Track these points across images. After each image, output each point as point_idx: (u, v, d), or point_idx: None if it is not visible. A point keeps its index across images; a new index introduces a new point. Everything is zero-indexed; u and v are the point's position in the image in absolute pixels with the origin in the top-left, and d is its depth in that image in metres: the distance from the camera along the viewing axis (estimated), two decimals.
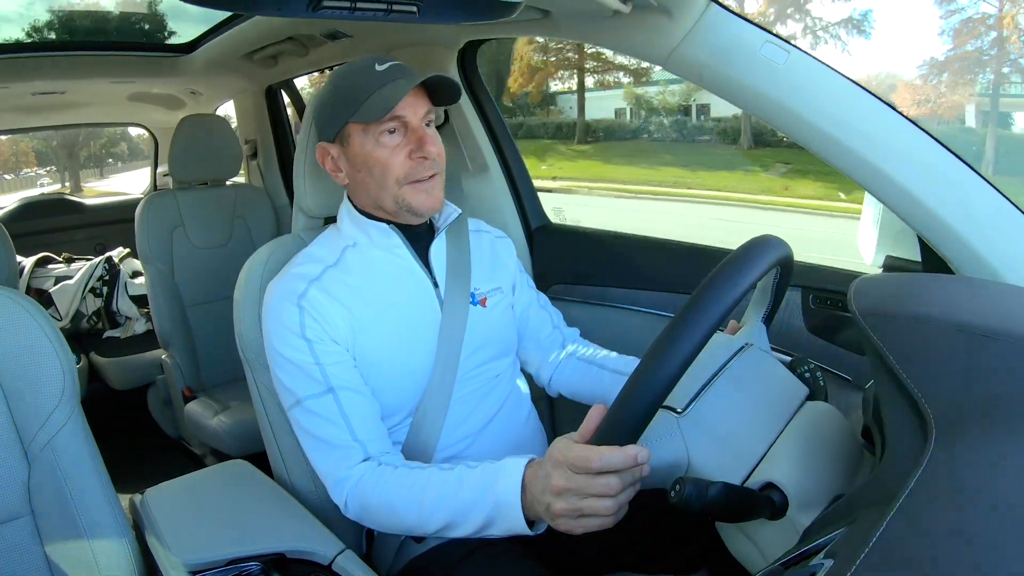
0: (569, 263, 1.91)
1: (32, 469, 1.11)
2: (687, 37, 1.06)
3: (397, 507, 1.09)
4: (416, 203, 1.22)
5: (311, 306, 1.18)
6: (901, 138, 0.99)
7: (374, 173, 1.20)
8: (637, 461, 0.85)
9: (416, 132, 1.20)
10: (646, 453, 0.85)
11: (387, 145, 1.19)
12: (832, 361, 1.38)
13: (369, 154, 1.20)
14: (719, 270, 0.84)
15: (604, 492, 0.87)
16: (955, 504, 0.60)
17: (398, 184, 1.20)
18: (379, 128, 1.18)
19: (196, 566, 1.09)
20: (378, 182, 1.21)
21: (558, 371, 1.50)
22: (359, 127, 1.19)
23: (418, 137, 1.19)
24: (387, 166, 1.19)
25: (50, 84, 2.84)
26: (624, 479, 0.87)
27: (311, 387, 1.17)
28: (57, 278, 3.24)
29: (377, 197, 1.23)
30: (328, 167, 1.27)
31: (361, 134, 1.20)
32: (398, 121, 1.18)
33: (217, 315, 2.74)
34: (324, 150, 1.26)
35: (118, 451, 1.87)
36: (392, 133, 1.19)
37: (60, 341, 1.13)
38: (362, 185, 1.24)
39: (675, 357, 0.79)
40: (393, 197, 1.21)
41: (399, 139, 1.19)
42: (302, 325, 1.17)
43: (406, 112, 1.18)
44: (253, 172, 3.31)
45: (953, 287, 0.91)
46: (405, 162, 1.19)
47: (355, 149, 1.21)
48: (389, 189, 1.21)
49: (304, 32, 2.05)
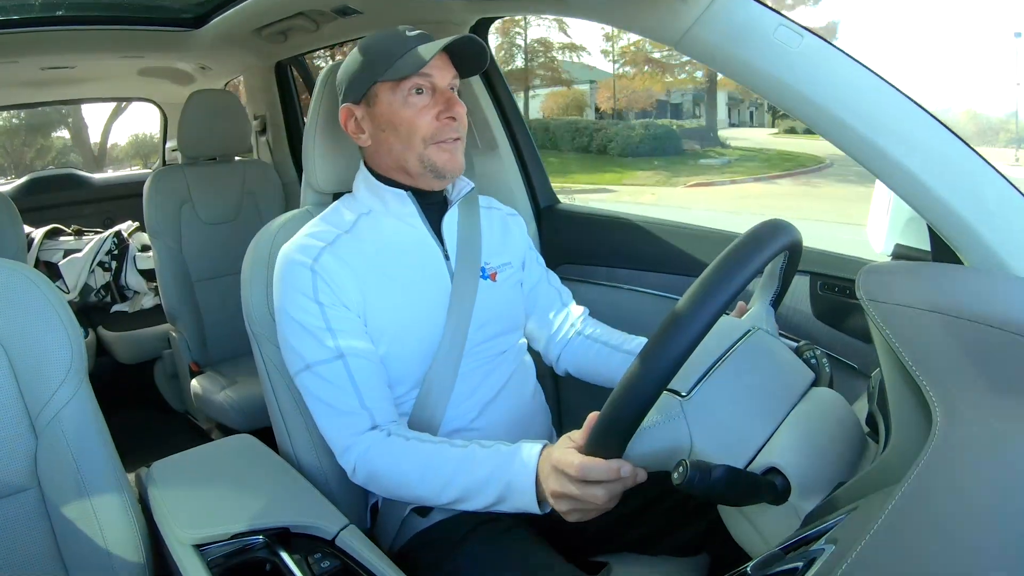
0: (577, 244, 1.91)
1: (39, 442, 1.11)
2: (700, 18, 1.05)
3: (409, 477, 1.12)
4: (440, 162, 1.23)
5: (324, 270, 1.19)
6: (914, 126, 0.98)
7: (400, 132, 1.22)
8: (619, 475, 0.89)
9: (444, 93, 1.22)
10: (629, 468, 0.89)
11: (415, 104, 1.21)
12: (838, 348, 1.38)
13: (396, 112, 1.21)
14: (725, 256, 0.84)
15: (590, 499, 0.91)
16: (958, 493, 0.60)
17: (424, 143, 1.22)
18: (408, 86, 1.20)
19: (201, 540, 1.09)
20: (404, 141, 1.22)
21: (566, 349, 1.51)
22: (387, 86, 1.21)
23: (446, 99, 1.22)
24: (414, 125, 1.21)
25: (59, 59, 2.84)
26: (610, 489, 0.91)
27: (321, 352, 1.18)
28: (66, 251, 3.24)
29: (401, 157, 1.24)
30: (351, 129, 1.27)
31: (389, 93, 1.21)
32: (427, 80, 1.20)
33: (224, 290, 2.75)
34: (348, 111, 1.26)
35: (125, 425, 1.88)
36: (420, 93, 1.21)
37: (68, 314, 1.14)
38: (385, 145, 1.25)
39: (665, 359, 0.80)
40: (418, 156, 1.23)
41: (427, 99, 1.21)
42: (315, 289, 1.18)
43: (434, 73, 1.21)
44: (262, 148, 3.31)
45: (961, 277, 0.91)
46: (432, 122, 1.21)
47: (382, 108, 1.22)
48: (415, 148, 1.22)
49: (314, 7, 2.04)
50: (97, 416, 1.16)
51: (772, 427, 0.90)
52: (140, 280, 3.27)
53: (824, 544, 0.64)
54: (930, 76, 17.52)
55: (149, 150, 15.49)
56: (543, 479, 0.99)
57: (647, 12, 1.13)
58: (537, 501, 1.01)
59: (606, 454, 0.88)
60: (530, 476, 1.01)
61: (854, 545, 0.58)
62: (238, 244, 1.58)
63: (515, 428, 1.34)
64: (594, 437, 0.89)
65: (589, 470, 0.89)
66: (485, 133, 1.91)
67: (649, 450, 0.89)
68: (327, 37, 2.32)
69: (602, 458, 0.89)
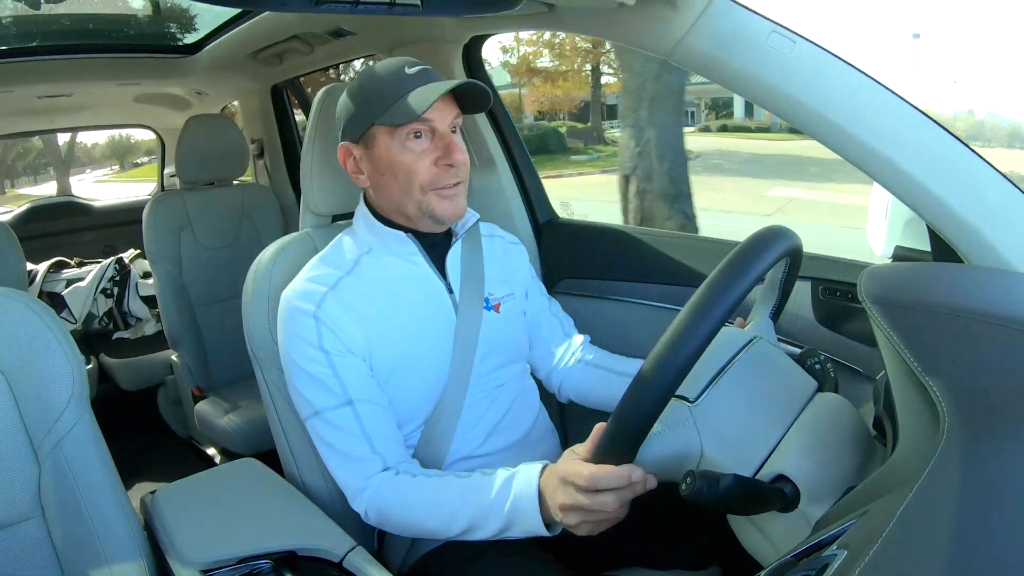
0: (577, 257, 1.90)
1: (42, 470, 1.11)
2: (692, 28, 1.05)
3: (417, 513, 1.11)
4: (440, 211, 1.21)
5: (327, 317, 1.17)
6: (910, 128, 0.98)
7: (398, 178, 1.19)
8: (631, 481, 0.87)
9: (444, 139, 1.18)
10: (640, 472, 0.88)
11: (413, 150, 1.17)
12: (842, 352, 1.37)
13: (394, 158, 1.18)
14: (728, 262, 0.84)
15: (601, 509, 0.90)
16: (969, 494, 0.59)
17: (422, 191, 1.19)
18: (406, 131, 1.16)
19: (207, 565, 1.09)
20: (402, 187, 1.19)
21: (567, 378, 1.50)
22: (385, 129, 1.17)
23: (446, 144, 1.18)
24: (412, 171, 1.17)
25: (56, 87, 2.86)
26: (621, 496, 0.90)
27: (329, 399, 1.17)
28: (68, 281, 3.25)
29: (400, 202, 1.22)
30: (350, 168, 1.25)
31: (387, 137, 1.18)
32: (426, 126, 1.17)
33: (225, 314, 2.74)
34: (347, 150, 1.24)
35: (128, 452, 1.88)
36: (419, 138, 1.17)
37: (69, 342, 1.13)
38: (384, 189, 1.22)
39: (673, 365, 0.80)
40: (416, 203, 1.20)
41: (426, 144, 1.18)
42: (319, 336, 1.17)
43: (434, 117, 1.16)
44: (260, 172, 3.31)
45: (964, 276, 0.90)
46: (431, 168, 1.18)
47: (380, 152, 1.19)
48: (413, 195, 1.19)
49: (308, 30, 2.05)
50: (100, 443, 1.16)
51: (779, 434, 0.89)
52: (143, 306, 3.27)
53: (836, 549, 0.64)
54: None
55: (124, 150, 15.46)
56: (550, 494, 0.98)
57: (639, 25, 1.13)
58: (545, 524, 1.01)
59: (615, 461, 0.88)
60: (532, 496, 1.00)
61: (866, 549, 0.58)
62: (238, 268, 1.58)
63: (522, 453, 1.33)
64: (602, 445, 0.89)
65: (599, 478, 0.88)
66: (482, 150, 1.91)
67: (660, 456, 0.89)
68: (322, 59, 2.33)
69: (612, 465, 0.88)
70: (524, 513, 1.01)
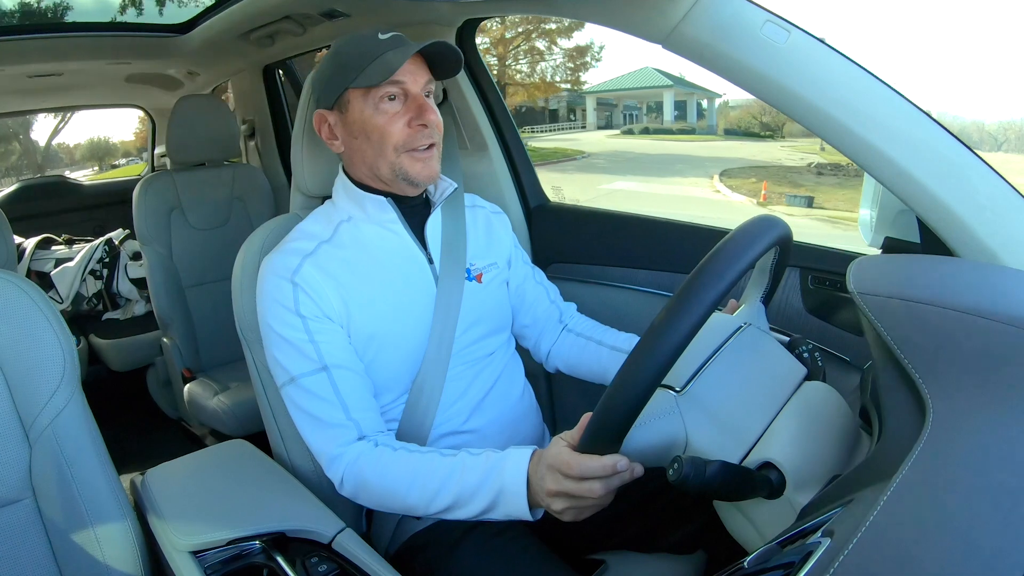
0: (568, 242, 1.90)
1: (33, 452, 1.11)
2: (687, 15, 1.05)
3: (397, 487, 1.11)
4: (413, 172, 1.22)
5: (305, 282, 1.18)
6: (902, 119, 0.99)
7: (372, 140, 1.20)
8: (616, 470, 0.89)
9: (416, 100, 1.20)
10: (625, 462, 0.89)
11: (387, 112, 1.19)
12: (830, 342, 1.38)
13: (368, 120, 1.19)
14: (717, 251, 0.84)
15: (588, 496, 0.91)
16: (952, 484, 0.60)
17: (396, 152, 1.20)
18: (379, 93, 1.18)
19: (197, 546, 1.09)
20: (376, 149, 1.21)
21: (556, 346, 1.51)
22: (359, 93, 1.19)
23: (418, 105, 1.19)
24: (385, 133, 1.19)
25: (47, 66, 2.82)
26: (608, 484, 0.91)
27: (305, 364, 1.17)
28: (57, 260, 3.23)
29: (373, 165, 1.23)
30: (324, 135, 1.26)
31: (361, 100, 1.19)
32: (398, 87, 1.18)
33: (216, 296, 2.74)
34: (321, 117, 1.25)
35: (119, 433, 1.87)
36: (392, 100, 1.19)
37: (60, 323, 1.13)
38: (359, 153, 1.23)
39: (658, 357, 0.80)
40: (390, 164, 1.21)
41: (399, 106, 1.19)
42: (296, 301, 1.18)
43: (406, 79, 1.18)
44: (251, 153, 3.30)
45: (952, 269, 0.91)
46: (404, 129, 1.19)
47: (354, 115, 1.21)
48: (387, 156, 1.21)
49: (301, 10, 2.03)
50: (91, 424, 1.16)
51: (766, 422, 0.90)
52: (132, 288, 3.25)
53: (820, 537, 0.64)
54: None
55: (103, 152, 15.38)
56: (537, 480, 0.98)
57: (634, 10, 1.13)
58: (529, 507, 1.01)
59: (602, 451, 0.88)
60: (521, 480, 1.01)
61: (851, 537, 0.58)
62: (228, 249, 1.57)
63: (507, 428, 1.34)
64: (589, 434, 0.89)
65: (585, 467, 0.89)
66: (474, 133, 1.91)
67: (645, 445, 0.89)
68: (314, 40, 2.31)
69: (598, 454, 0.89)
70: (511, 496, 1.01)
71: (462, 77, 1.84)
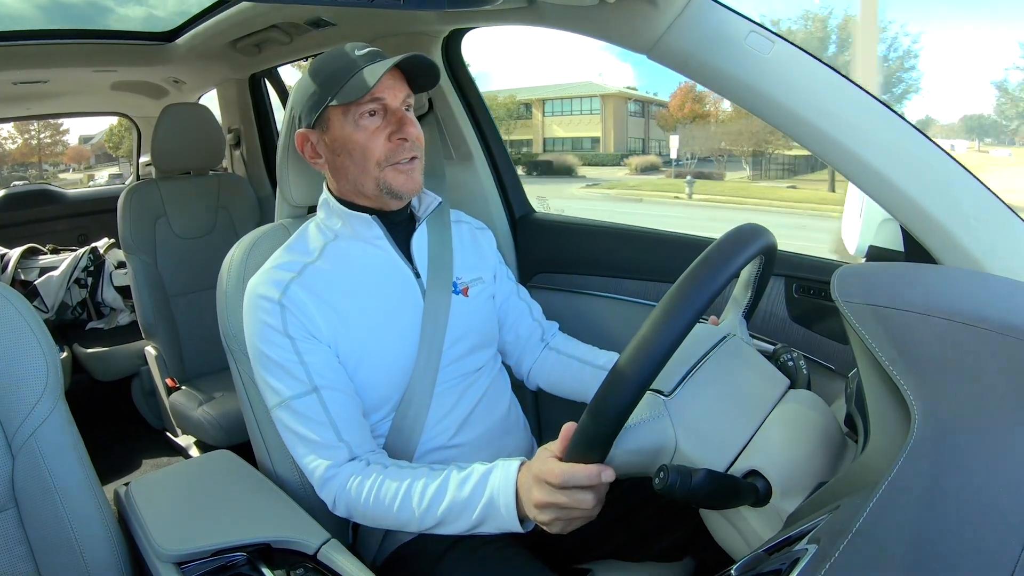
0: (553, 252, 1.91)
1: (16, 461, 1.10)
2: (672, 26, 1.06)
3: (388, 505, 1.11)
4: (397, 184, 1.22)
5: (292, 304, 1.18)
6: (885, 129, 1.00)
7: (354, 156, 1.21)
8: (601, 479, 0.88)
9: (396, 114, 1.20)
10: (610, 472, 0.88)
11: (367, 128, 1.19)
12: (815, 350, 1.39)
13: (349, 137, 1.20)
14: (701, 260, 0.84)
15: (577, 506, 0.91)
16: (937, 491, 0.60)
17: (379, 167, 1.21)
18: (358, 110, 1.18)
19: (181, 557, 1.08)
20: (359, 165, 1.21)
21: (537, 364, 1.51)
22: (339, 111, 1.19)
23: (398, 119, 1.20)
24: (367, 148, 1.20)
25: (31, 73, 2.81)
26: (597, 492, 0.91)
27: (295, 386, 1.17)
28: (42, 269, 3.21)
29: (357, 181, 1.23)
30: (307, 154, 1.27)
31: (341, 117, 1.20)
32: (377, 103, 1.19)
33: (200, 305, 2.73)
34: (304, 137, 1.26)
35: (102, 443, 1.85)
36: (372, 116, 1.19)
37: (43, 333, 1.12)
38: (342, 170, 1.24)
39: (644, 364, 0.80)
40: (374, 180, 1.22)
41: (379, 121, 1.20)
42: (284, 323, 1.17)
43: (385, 94, 1.19)
44: (236, 162, 3.28)
45: (935, 276, 0.92)
46: (385, 144, 1.20)
47: (335, 133, 1.21)
48: (370, 172, 1.21)
49: (288, 20, 2.03)
50: (74, 434, 1.15)
51: (752, 430, 0.90)
52: (117, 297, 3.24)
53: (807, 544, 0.64)
54: None
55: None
56: (524, 492, 0.98)
57: (619, 21, 1.13)
58: (519, 520, 1.01)
59: (587, 459, 0.88)
60: (510, 493, 1.01)
61: (837, 544, 0.58)
62: (213, 258, 1.57)
63: (494, 442, 1.34)
64: (574, 444, 0.89)
65: (570, 476, 0.89)
66: (460, 144, 1.91)
67: (635, 448, 0.89)
68: (301, 49, 2.31)
69: (583, 463, 0.89)
70: (500, 509, 1.01)
71: (447, 87, 1.84)
